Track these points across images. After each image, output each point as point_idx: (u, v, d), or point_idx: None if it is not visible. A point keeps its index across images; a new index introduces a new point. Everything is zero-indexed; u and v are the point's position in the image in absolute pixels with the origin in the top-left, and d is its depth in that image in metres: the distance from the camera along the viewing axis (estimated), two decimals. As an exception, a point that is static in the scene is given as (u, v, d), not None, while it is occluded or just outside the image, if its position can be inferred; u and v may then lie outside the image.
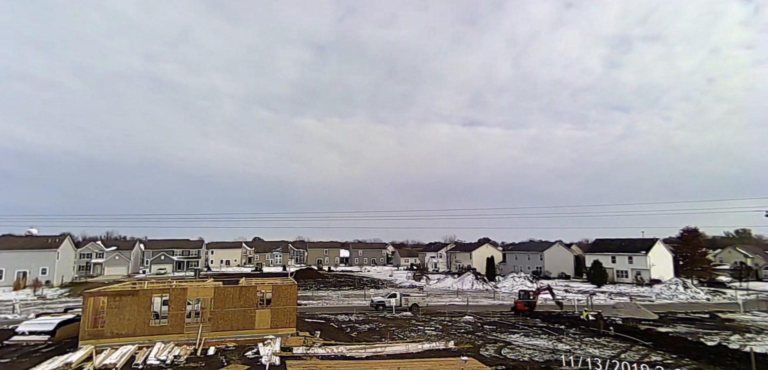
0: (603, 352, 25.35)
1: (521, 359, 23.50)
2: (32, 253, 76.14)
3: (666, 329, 33.13)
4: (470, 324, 36.08)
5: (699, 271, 76.02)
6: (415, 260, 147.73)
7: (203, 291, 29.02)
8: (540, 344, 27.93)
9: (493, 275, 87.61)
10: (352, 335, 30.41)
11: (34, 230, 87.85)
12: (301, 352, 24.10)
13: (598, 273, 77.18)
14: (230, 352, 24.54)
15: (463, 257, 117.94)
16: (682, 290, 64.54)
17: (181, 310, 26.78)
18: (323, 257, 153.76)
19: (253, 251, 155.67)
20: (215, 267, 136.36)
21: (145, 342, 25.01)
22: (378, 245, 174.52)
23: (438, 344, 26.95)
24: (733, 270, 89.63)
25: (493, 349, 26.14)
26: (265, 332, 27.57)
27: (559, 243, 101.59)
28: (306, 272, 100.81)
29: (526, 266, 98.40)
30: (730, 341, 28.92)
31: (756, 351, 21.86)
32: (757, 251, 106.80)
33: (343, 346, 25.71)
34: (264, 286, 30.50)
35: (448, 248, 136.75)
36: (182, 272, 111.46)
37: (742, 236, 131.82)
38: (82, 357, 22.11)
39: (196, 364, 22.07)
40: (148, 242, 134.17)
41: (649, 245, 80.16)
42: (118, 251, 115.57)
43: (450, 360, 22.72)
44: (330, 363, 22.24)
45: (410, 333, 31.49)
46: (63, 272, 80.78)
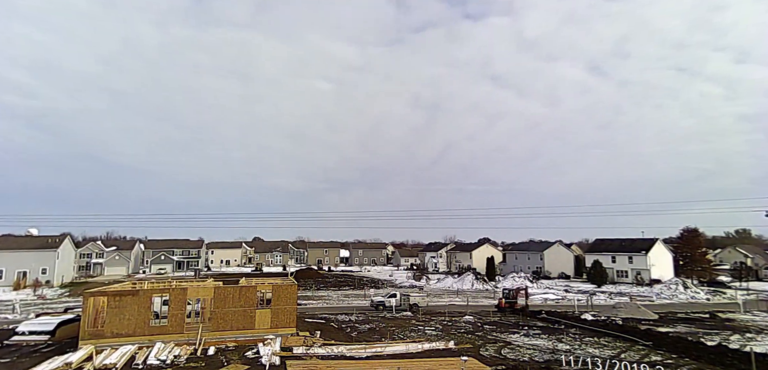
0: (603, 352, 25.36)
1: (521, 359, 23.51)
2: (32, 253, 76.06)
3: (666, 329, 33.14)
4: (470, 324, 36.09)
5: (699, 271, 76.04)
6: (415, 260, 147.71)
7: (203, 291, 29.01)
8: (540, 344, 27.94)
9: (493, 275, 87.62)
10: (352, 335, 30.41)
11: (34, 230, 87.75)
12: (301, 352, 24.10)
13: (598, 273, 77.23)
14: (230, 352, 24.54)
15: (463, 257, 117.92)
16: (682, 290, 64.58)
17: (181, 310, 26.78)
18: (323, 257, 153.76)
19: (253, 251, 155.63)
20: (215, 267, 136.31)
21: (145, 342, 25.01)
22: (378, 245, 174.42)
23: (438, 344, 26.96)
24: (733, 270, 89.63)
25: (493, 349, 26.15)
26: (265, 332, 27.58)
27: (559, 243, 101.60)
28: (306, 272, 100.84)
29: (526, 266, 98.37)
30: (730, 341, 28.93)
31: (756, 351, 21.87)
32: (757, 251, 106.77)
33: (343, 346, 25.71)
34: (264, 286, 30.49)
35: (448, 248, 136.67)
36: (182, 272, 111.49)
37: (742, 236, 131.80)
38: (82, 357, 22.10)
39: (196, 364, 22.07)
40: (148, 242, 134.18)
41: (649, 245, 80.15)
42: (118, 251, 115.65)
43: (450, 360, 22.71)
44: (330, 363, 22.25)
45: (410, 333, 31.49)
46: (63, 272, 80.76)
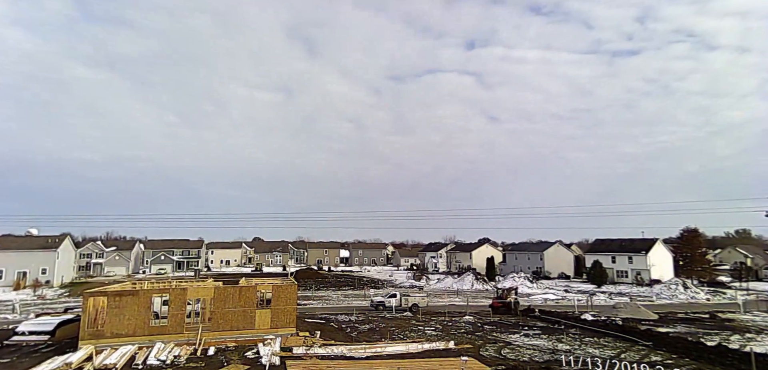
0: (603, 352, 25.35)
1: (521, 359, 23.50)
2: (32, 253, 76.14)
3: (666, 329, 33.12)
4: (470, 324, 36.07)
5: (699, 271, 76.07)
6: (415, 260, 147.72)
7: (203, 291, 29.00)
8: (540, 344, 27.93)
9: (493, 275, 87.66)
10: (352, 335, 30.40)
11: (34, 230, 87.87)
12: (301, 352, 24.08)
13: (598, 273, 77.25)
14: (230, 352, 24.53)
15: (463, 257, 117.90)
16: (682, 290, 64.56)
17: (181, 310, 26.76)
18: (323, 257, 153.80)
19: (253, 251, 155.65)
20: (215, 267, 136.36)
21: (145, 342, 24.99)
22: (378, 245, 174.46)
23: (438, 344, 26.93)
24: (733, 270, 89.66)
25: (493, 349, 26.14)
26: (265, 332, 27.56)
27: (559, 243, 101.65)
28: (306, 272, 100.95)
29: (526, 266, 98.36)
30: (730, 341, 28.90)
31: (756, 351, 21.84)
32: (757, 251, 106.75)
33: (343, 346, 25.69)
34: (264, 286, 30.48)
35: (448, 248, 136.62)
36: (182, 272, 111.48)
37: (742, 236, 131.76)
38: (82, 357, 22.09)
39: (196, 364, 22.06)
40: (148, 242, 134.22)
41: (649, 245, 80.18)
42: (118, 251, 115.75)
43: (450, 360, 22.70)
44: (330, 363, 22.24)
45: (410, 333, 31.47)
46: (63, 272, 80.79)
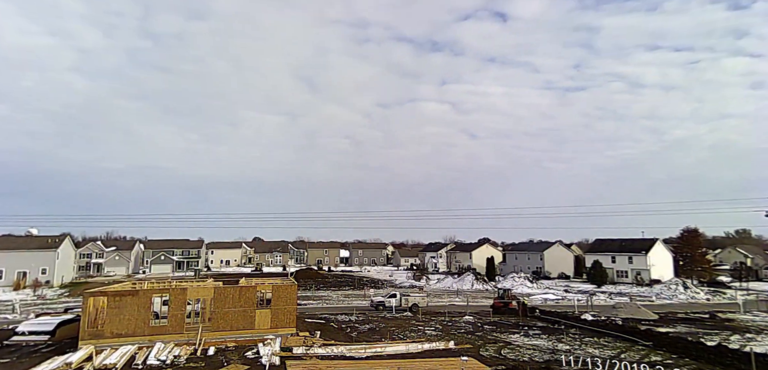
0: (603, 352, 25.36)
1: (521, 359, 23.51)
2: (32, 253, 76.12)
3: (666, 329, 33.12)
4: (470, 324, 36.08)
5: (699, 271, 75.99)
6: (415, 260, 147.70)
7: (203, 291, 29.02)
8: (540, 344, 27.94)
9: (493, 275, 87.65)
10: (352, 335, 30.40)
11: (34, 230, 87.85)
12: (301, 352, 24.10)
13: (598, 273, 77.25)
14: (230, 352, 24.54)
15: (463, 257, 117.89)
16: (682, 290, 64.56)
17: (181, 310, 26.78)
18: (323, 257, 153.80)
19: (253, 251, 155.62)
20: (215, 267, 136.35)
21: (145, 342, 25.00)
22: (378, 245, 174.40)
23: (438, 344, 26.94)
24: (733, 270, 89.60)
25: (493, 349, 26.15)
26: (265, 332, 27.57)
27: (559, 243, 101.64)
28: (306, 272, 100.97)
29: (526, 266, 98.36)
30: (730, 341, 28.93)
31: (756, 351, 21.84)
32: (757, 251, 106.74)
33: (343, 346, 25.71)
34: (264, 286, 30.52)
35: (448, 248, 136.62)
36: (182, 272, 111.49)
37: (742, 236, 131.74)
38: (82, 357, 22.10)
39: (196, 364, 22.07)
40: (148, 242, 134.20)
41: (649, 245, 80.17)
42: (118, 251, 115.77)
43: (450, 360, 22.72)
44: (330, 363, 22.25)
45: (410, 333, 31.48)
46: (63, 272, 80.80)
